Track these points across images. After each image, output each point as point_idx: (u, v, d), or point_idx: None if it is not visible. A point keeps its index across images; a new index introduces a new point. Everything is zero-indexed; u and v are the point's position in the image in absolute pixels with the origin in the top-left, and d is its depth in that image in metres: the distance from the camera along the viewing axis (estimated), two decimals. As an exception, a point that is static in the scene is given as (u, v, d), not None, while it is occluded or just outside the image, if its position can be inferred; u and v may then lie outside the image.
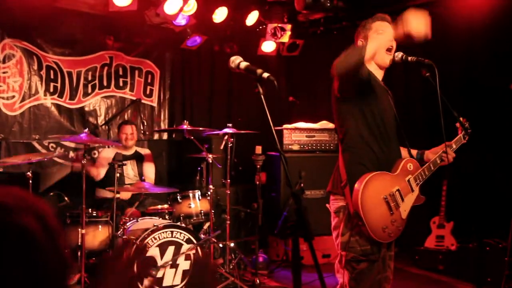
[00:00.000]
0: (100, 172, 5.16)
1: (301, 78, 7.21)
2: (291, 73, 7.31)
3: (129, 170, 5.29)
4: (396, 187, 2.75)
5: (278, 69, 7.27)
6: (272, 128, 2.10)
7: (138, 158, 5.40)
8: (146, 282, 4.14)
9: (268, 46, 6.57)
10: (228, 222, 4.98)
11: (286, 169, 2.03)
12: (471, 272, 4.97)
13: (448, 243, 5.51)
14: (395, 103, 3.00)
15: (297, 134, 5.91)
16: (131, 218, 4.43)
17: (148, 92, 6.27)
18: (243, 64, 2.31)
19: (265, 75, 2.17)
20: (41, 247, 0.88)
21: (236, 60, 2.33)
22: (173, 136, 6.41)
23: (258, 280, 4.70)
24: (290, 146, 5.86)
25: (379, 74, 2.91)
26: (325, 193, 5.87)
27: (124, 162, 4.53)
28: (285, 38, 6.24)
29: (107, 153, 5.26)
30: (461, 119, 3.18)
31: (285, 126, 5.94)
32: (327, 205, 2.93)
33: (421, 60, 2.84)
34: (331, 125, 6.12)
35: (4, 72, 5.30)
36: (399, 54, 2.92)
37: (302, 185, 5.71)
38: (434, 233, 5.66)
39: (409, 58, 2.88)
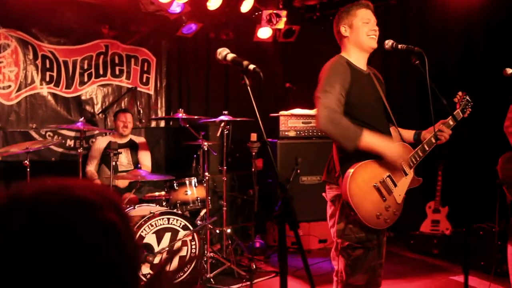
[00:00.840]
0: (90, 170, 5.21)
1: (298, 64, 7.21)
2: (288, 59, 7.32)
3: (123, 158, 5.32)
4: (386, 173, 2.78)
5: (274, 55, 7.27)
6: (258, 117, 2.13)
7: (133, 146, 5.43)
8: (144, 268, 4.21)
9: (264, 33, 6.56)
10: (225, 208, 5.03)
11: (272, 158, 2.07)
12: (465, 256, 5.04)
13: (443, 227, 5.57)
14: (385, 86, 3.05)
15: (293, 120, 5.93)
16: (128, 205, 4.48)
17: (144, 80, 6.29)
18: (230, 56, 2.34)
19: (251, 67, 2.20)
20: (124, 238, 0.95)
21: (223, 52, 2.36)
22: (170, 123, 6.43)
23: (254, 265, 4.76)
24: (286, 133, 5.89)
25: (362, 57, 2.94)
26: (321, 179, 5.95)
27: (119, 150, 4.55)
28: (281, 25, 6.23)
29: (99, 144, 5.27)
30: (460, 93, 3.16)
31: (281, 112, 5.96)
32: (323, 194, 2.95)
33: (411, 48, 2.85)
34: (327, 111, 6.13)
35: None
36: (389, 42, 2.94)
37: (298, 171, 5.76)
38: (429, 217, 5.71)
39: (399, 46, 2.90)
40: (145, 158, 5.48)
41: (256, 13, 6.34)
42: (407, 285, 4.62)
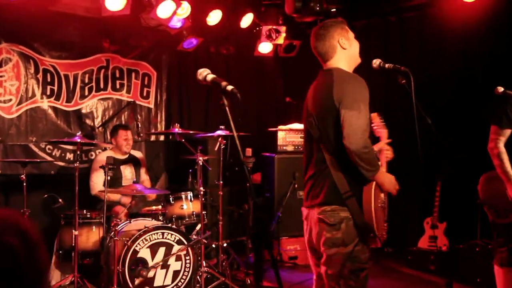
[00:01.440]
0: (94, 182, 5.25)
1: (299, 79, 7.23)
2: (289, 74, 7.35)
3: (127, 172, 5.37)
4: (383, 193, 2.79)
5: (275, 70, 7.33)
6: (236, 137, 2.18)
7: (134, 161, 5.48)
8: (137, 281, 4.23)
9: (264, 47, 6.61)
10: (221, 222, 5.05)
11: (249, 178, 2.10)
12: (462, 273, 5.01)
13: (441, 243, 5.55)
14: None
15: (291, 135, 5.97)
16: (121, 220, 4.51)
17: (145, 94, 6.35)
18: (210, 77, 2.41)
19: (229, 88, 2.27)
20: (24, 262, 0.99)
21: (204, 73, 2.43)
22: (170, 137, 6.48)
23: (249, 280, 4.77)
24: (284, 147, 5.92)
25: None
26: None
27: (115, 165, 4.60)
28: (280, 40, 6.28)
29: (102, 157, 5.32)
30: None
31: (279, 127, 6.00)
32: (319, 216, 2.70)
33: (398, 68, 2.88)
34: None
35: (0, 76, 5.39)
36: (377, 61, 2.96)
37: (296, 185, 5.78)
38: (427, 233, 5.70)
39: (386, 65, 2.92)
40: (145, 172, 5.55)
41: (257, 28, 6.40)
42: (403, 301, 4.61)
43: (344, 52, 2.84)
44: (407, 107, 2.94)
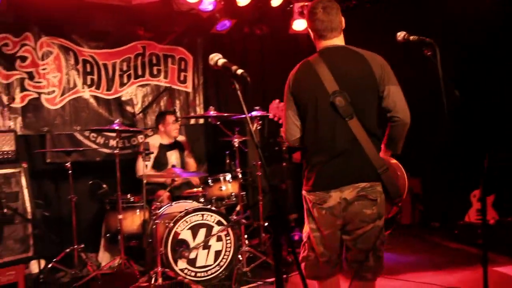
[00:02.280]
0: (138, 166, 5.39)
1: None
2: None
3: (173, 159, 5.47)
4: None
5: (311, 47, 7.21)
6: (249, 122, 2.19)
7: (180, 147, 5.59)
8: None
9: (299, 25, 6.50)
10: (261, 202, 5.09)
11: (263, 162, 2.10)
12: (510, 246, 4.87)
13: (489, 216, 5.40)
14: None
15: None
16: (162, 203, 4.62)
17: (182, 78, 6.42)
18: (221, 61, 2.43)
19: (239, 71, 2.28)
20: None
21: (215, 57, 2.45)
22: (209, 120, 6.54)
23: (290, 259, 4.81)
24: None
25: None
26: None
27: (152, 151, 4.72)
28: (314, 16, 6.17)
29: (152, 141, 5.42)
30: None
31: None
32: (361, 194, 2.66)
33: (423, 39, 2.80)
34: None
35: (43, 69, 5.59)
36: (401, 34, 2.88)
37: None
38: (474, 206, 5.56)
39: (411, 38, 2.85)
40: (189, 156, 5.64)
41: (290, 6, 6.31)
42: (447, 276, 4.53)
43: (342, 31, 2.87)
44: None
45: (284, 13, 6.31)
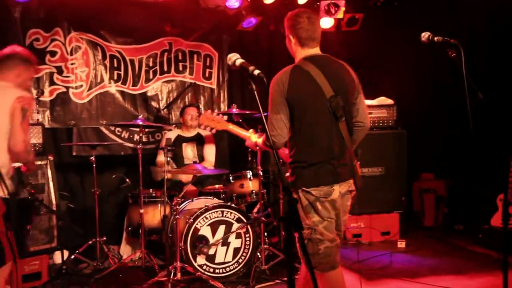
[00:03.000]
0: (161, 159, 5.45)
1: (362, 52, 7.08)
2: (352, 48, 7.17)
3: (189, 151, 5.53)
4: None
5: (338, 45, 7.16)
6: (265, 122, 2.20)
7: (199, 140, 5.61)
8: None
9: (326, 22, 6.47)
10: (281, 200, 5.10)
11: (278, 164, 2.11)
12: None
13: (514, 221, 5.28)
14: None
15: (353, 111, 5.85)
16: (183, 199, 4.67)
17: (207, 74, 6.46)
18: (239, 61, 2.47)
19: (256, 72, 2.31)
20: None
21: (233, 57, 2.49)
22: (232, 117, 6.57)
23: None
24: (346, 124, 5.82)
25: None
26: (383, 170, 5.81)
27: (174, 147, 4.76)
28: (340, 14, 6.12)
29: (170, 135, 5.48)
30: None
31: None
32: (352, 188, 3.01)
33: (447, 40, 2.78)
34: (389, 101, 6.01)
35: (72, 64, 5.71)
36: (425, 34, 2.91)
37: (358, 162, 5.69)
38: (501, 210, 5.44)
39: (435, 38, 2.84)
40: (209, 152, 5.63)
41: (317, 4, 6.28)
42: (469, 281, 4.46)
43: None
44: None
45: (311, 10, 6.26)
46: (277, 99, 2.83)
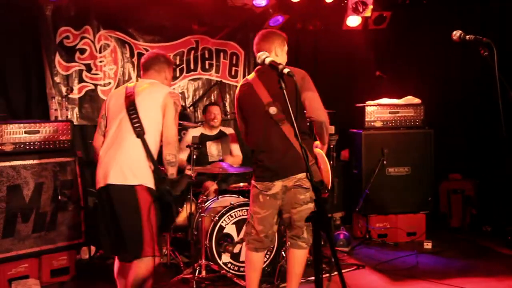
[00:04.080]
0: (181, 159, 5.47)
1: (389, 51, 7.01)
2: (379, 47, 7.11)
3: (213, 149, 5.55)
4: None
5: (365, 43, 7.10)
6: (292, 117, 2.24)
7: (223, 138, 5.63)
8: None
9: (353, 21, 6.43)
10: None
11: (307, 162, 2.11)
12: None
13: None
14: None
15: (380, 110, 5.81)
16: (208, 197, 4.69)
17: (233, 73, 6.48)
18: (268, 60, 2.50)
19: (285, 70, 2.33)
20: None
21: (262, 56, 2.52)
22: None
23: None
24: (372, 123, 5.79)
25: None
26: (409, 170, 5.75)
27: (200, 145, 4.78)
28: (368, 13, 6.07)
29: (188, 137, 5.51)
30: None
31: (367, 102, 5.86)
32: (297, 184, 3.39)
33: (480, 39, 2.73)
34: (416, 100, 5.94)
35: (100, 61, 5.80)
36: (457, 33, 2.87)
37: (385, 162, 5.65)
38: (530, 212, 5.34)
39: (467, 37, 2.80)
40: (236, 148, 5.66)
41: (344, 2, 6.24)
42: (497, 284, 4.39)
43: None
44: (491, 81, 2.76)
45: (337, 8, 6.25)
46: (235, 108, 3.63)
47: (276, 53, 3.53)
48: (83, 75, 5.75)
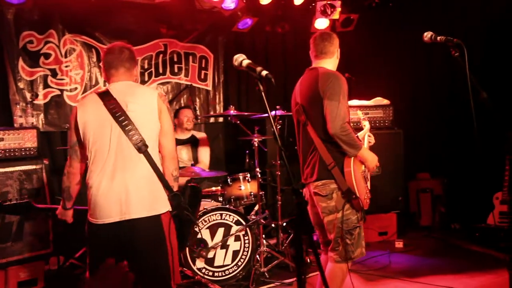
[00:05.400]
0: None
1: (357, 53, 7.08)
2: (347, 49, 7.15)
3: (183, 154, 5.49)
4: (363, 165, 3.38)
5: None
6: (273, 125, 2.17)
7: (194, 142, 5.57)
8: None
9: (321, 23, 6.47)
10: (280, 202, 5.07)
11: (286, 165, 2.09)
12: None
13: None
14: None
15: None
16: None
17: (202, 76, 6.43)
18: (245, 62, 2.42)
19: (264, 73, 2.27)
20: None
21: (239, 58, 2.45)
22: (229, 118, 6.54)
23: (308, 259, 4.79)
24: (342, 125, 5.80)
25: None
26: (380, 171, 5.78)
27: (180, 146, 4.71)
28: (336, 15, 6.12)
29: None
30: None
31: (337, 104, 5.88)
32: (314, 191, 3.28)
33: (450, 40, 2.77)
34: (385, 101, 6.01)
35: (66, 66, 5.66)
36: (428, 34, 2.91)
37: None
38: (497, 209, 5.47)
39: (438, 38, 2.84)
40: (204, 154, 5.57)
41: (312, 5, 6.27)
42: (469, 280, 4.46)
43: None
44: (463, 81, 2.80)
45: (306, 11, 6.28)
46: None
47: (337, 56, 3.54)
48: (48, 80, 5.59)
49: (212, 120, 6.55)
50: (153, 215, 2.68)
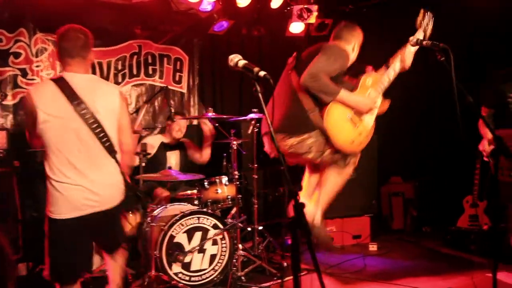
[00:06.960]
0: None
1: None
2: (321, 53, 7.22)
3: (172, 159, 5.38)
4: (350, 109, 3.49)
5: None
6: (270, 125, 2.17)
7: (182, 147, 5.48)
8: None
9: (296, 27, 6.49)
10: (256, 206, 5.06)
11: (284, 165, 2.08)
12: (505, 253, 4.88)
13: (481, 222, 5.43)
14: None
15: (324, 115, 5.87)
16: (159, 206, 4.56)
17: (177, 78, 6.37)
18: (241, 63, 2.39)
19: (261, 73, 2.24)
20: None
21: (235, 59, 2.41)
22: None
23: (285, 263, 4.78)
24: (318, 128, 5.83)
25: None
26: (354, 174, 5.85)
27: (149, 153, 4.64)
28: (312, 19, 6.15)
29: (151, 141, 5.31)
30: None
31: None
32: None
33: (436, 44, 2.80)
34: (360, 106, 6.06)
35: (37, 66, 5.51)
36: (414, 38, 2.95)
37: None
38: (467, 212, 5.59)
39: (424, 42, 2.87)
40: (204, 151, 5.51)
41: (288, 8, 6.29)
42: (442, 282, 4.53)
43: None
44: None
45: (282, 15, 6.29)
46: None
47: (354, 48, 3.64)
48: (18, 80, 5.44)
49: (187, 122, 6.47)
50: (117, 204, 3.04)
